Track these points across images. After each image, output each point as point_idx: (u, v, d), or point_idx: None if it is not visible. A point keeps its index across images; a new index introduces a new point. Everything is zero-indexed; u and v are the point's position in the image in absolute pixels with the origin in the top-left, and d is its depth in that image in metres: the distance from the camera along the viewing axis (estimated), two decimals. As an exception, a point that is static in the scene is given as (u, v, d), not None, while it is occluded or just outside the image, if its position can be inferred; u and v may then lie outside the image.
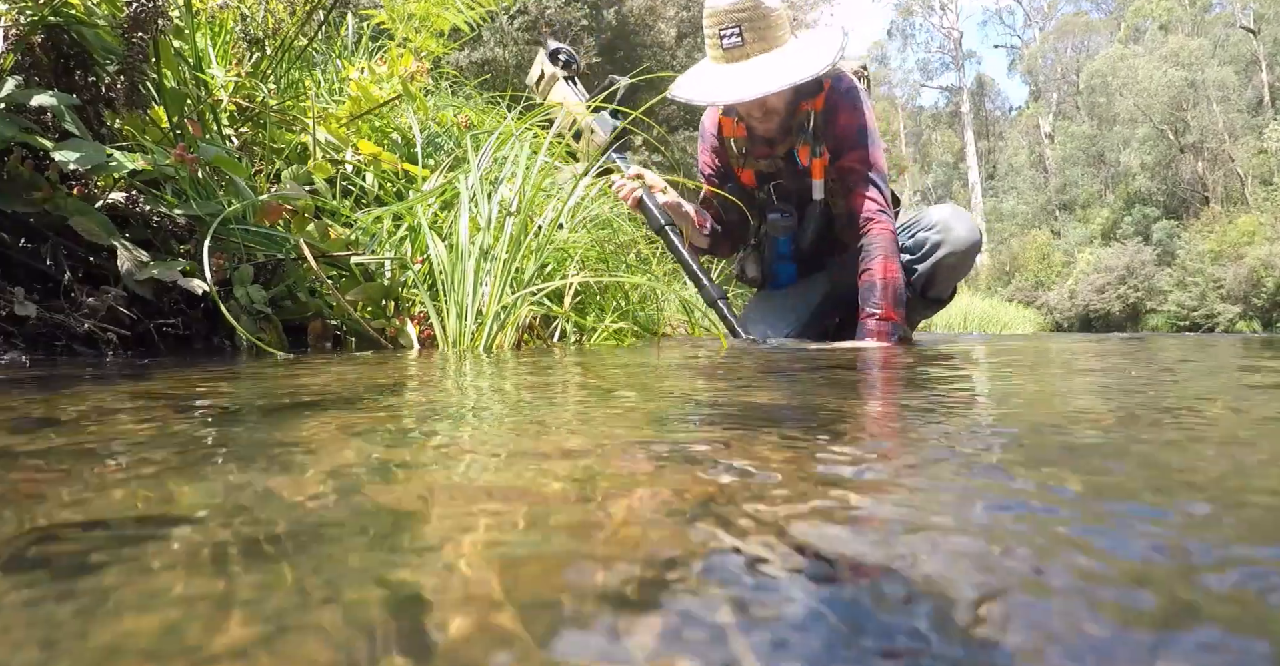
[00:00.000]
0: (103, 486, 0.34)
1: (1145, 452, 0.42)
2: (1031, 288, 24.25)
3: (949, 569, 0.23)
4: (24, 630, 0.19)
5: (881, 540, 0.26)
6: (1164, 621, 0.19)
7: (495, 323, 1.58)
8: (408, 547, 0.26)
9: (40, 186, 1.19)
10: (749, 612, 0.20)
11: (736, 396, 0.72)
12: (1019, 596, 0.21)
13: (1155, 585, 0.22)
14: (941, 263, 2.06)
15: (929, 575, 0.23)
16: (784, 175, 2.16)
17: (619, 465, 0.39)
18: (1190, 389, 0.82)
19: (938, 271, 2.08)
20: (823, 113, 2.02)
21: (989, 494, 0.33)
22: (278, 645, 0.18)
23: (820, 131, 2.03)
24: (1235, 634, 0.19)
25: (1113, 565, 0.23)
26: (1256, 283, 18.24)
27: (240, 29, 1.92)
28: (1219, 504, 0.31)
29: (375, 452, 0.42)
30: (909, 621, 0.19)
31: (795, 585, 0.22)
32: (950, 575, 0.23)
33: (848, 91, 2.02)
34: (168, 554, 0.25)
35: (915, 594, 0.21)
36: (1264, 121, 22.41)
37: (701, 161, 2.30)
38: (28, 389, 0.73)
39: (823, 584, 0.22)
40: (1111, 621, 0.19)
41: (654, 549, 0.26)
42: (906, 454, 0.44)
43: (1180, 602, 0.21)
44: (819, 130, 2.03)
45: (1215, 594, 0.21)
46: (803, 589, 0.22)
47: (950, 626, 0.19)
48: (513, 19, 7.29)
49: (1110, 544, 0.25)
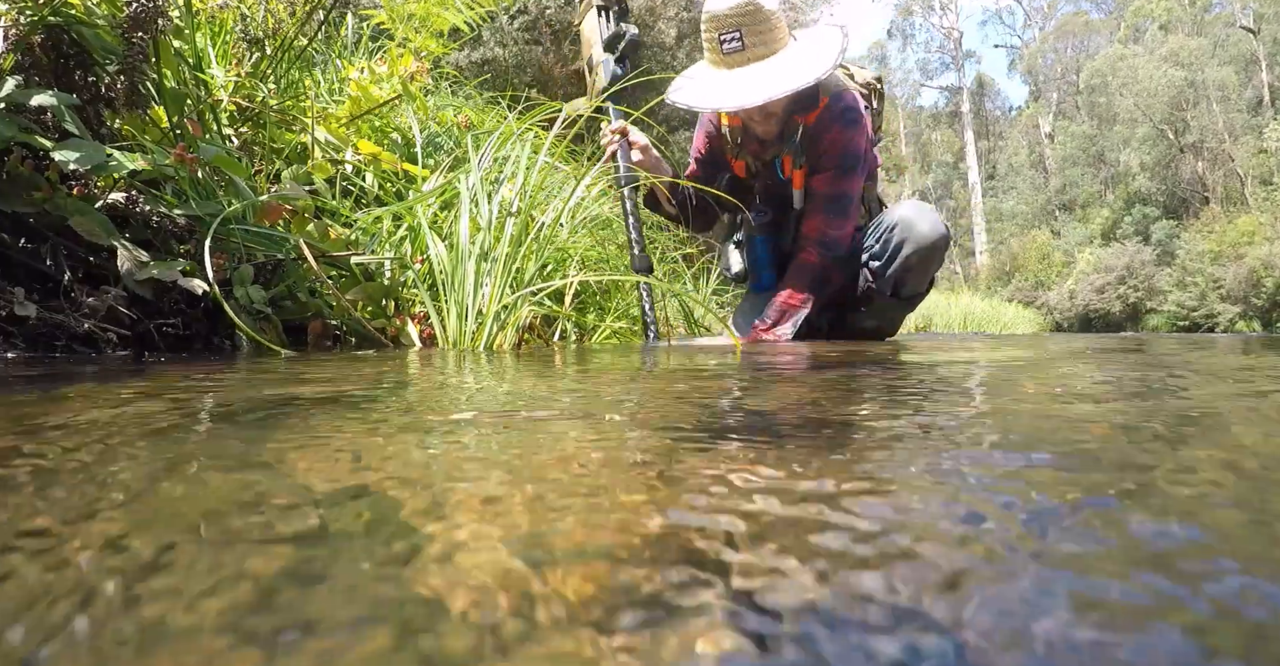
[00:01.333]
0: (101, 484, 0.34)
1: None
2: (1031, 288, 24.27)
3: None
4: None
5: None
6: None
7: (495, 322, 1.58)
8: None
9: (40, 186, 1.19)
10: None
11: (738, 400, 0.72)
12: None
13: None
14: (907, 261, 2.06)
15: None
16: (766, 179, 2.19)
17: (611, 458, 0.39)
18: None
19: (905, 270, 2.08)
20: (812, 128, 2.02)
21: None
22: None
23: (806, 145, 2.04)
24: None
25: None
26: (1256, 283, 18.25)
27: (240, 29, 1.92)
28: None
29: (373, 451, 0.42)
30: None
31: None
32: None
33: (844, 112, 2.00)
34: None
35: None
36: (1264, 121, 22.41)
37: (695, 142, 2.33)
38: (28, 389, 0.73)
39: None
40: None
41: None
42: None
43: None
44: (805, 144, 2.04)
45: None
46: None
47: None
48: (513, 19, 7.29)
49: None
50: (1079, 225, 26.58)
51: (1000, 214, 31.15)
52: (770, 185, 2.18)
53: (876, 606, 0.20)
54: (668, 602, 0.20)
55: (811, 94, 1.97)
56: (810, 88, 1.87)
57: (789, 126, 2.04)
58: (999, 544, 0.24)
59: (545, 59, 7.36)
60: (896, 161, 24.83)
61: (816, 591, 0.21)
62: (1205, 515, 0.28)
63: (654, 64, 8.41)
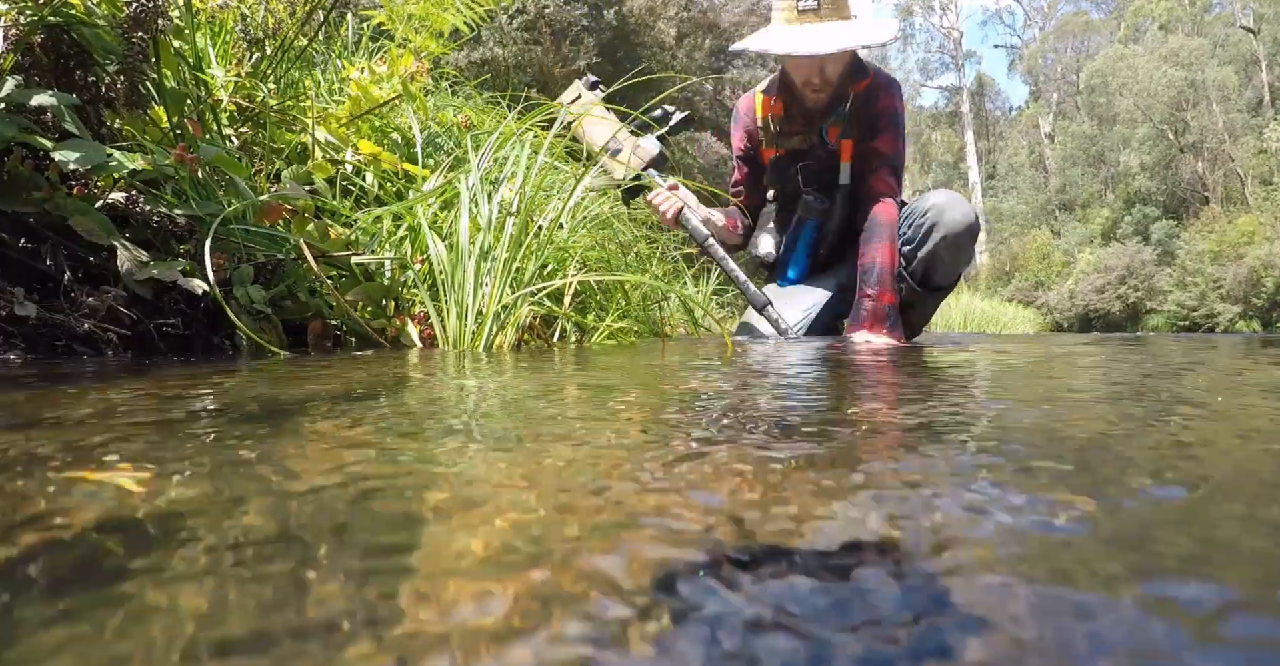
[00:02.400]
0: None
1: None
2: (1031, 288, 24.24)
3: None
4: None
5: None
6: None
7: (495, 323, 1.58)
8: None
9: (40, 186, 1.19)
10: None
11: (745, 398, 0.72)
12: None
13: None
14: (938, 248, 2.10)
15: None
16: (812, 157, 2.23)
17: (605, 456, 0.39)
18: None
19: (935, 257, 2.12)
20: (863, 94, 2.15)
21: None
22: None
23: (858, 113, 2.15)
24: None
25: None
26: (1256, 283, 18.23)
27: (240, 29, 1.92)
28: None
29: (370, 451, 0.42)
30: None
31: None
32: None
33: (889, 82, 2.19)
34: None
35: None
36: (1264, 121, 22.40)
37: (734, 142, 2.41)
38: (27, 388, 0.73)
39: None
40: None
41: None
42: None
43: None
44: (856, 111, 2.14)
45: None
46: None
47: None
48: (512, 19, 7.29)
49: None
50: (1079, 225, 26.56)
51: (1000, 214, 31.12)
52: (814, 164, 2.23)
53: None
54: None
55: (862, 66, 2.15)
56: (861, 57, 2.08)
57: (840, 95, 2.13)
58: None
59: (545, 58, 7.36)
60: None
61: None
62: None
63: (653, 64, 8.41)
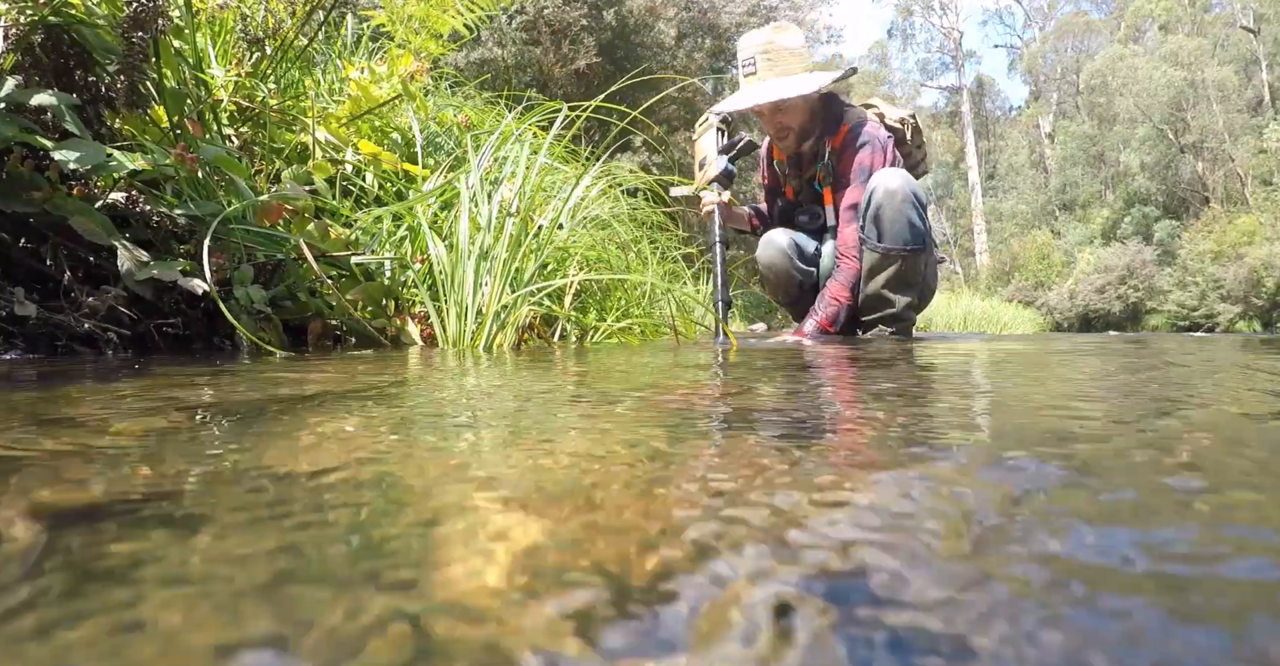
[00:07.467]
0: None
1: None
2: (1031, 288, 24.22)
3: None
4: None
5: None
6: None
7: (495, 322, 1.58)
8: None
9: (40, 186, 1.19)
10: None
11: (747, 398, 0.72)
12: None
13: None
14: (879, 207, 2.36)
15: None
16: (808, 197, 2.67)
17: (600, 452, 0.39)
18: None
19: (879, 217, 2.38)
20: (837, 150, 2.50)
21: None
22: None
23: (835, 165, 2.51)
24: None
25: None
26: (1256, 282, 18.23)
27: (240, 29, 1.92)
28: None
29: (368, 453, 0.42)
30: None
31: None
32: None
33: (858, 138, 2.46)
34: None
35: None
36: (1264, 121, 22.39)
37: (760, 175, 2.96)
38: (28, 387, 0.73)
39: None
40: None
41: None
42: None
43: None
44: (833, 164, 2.51)
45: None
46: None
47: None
48: (511, 19, 7.29)
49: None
50: (1079, 225, 26.55)
51: (1000, 214, 31.11)
52: (809, 204, 2.68)
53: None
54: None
55: (834, 119, 2.50)
56: (829, 112, 2.48)
57: (819, 147, 2.54)
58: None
59: (544, 59, 7.36)
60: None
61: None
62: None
63: (653, 63, 8.42)
